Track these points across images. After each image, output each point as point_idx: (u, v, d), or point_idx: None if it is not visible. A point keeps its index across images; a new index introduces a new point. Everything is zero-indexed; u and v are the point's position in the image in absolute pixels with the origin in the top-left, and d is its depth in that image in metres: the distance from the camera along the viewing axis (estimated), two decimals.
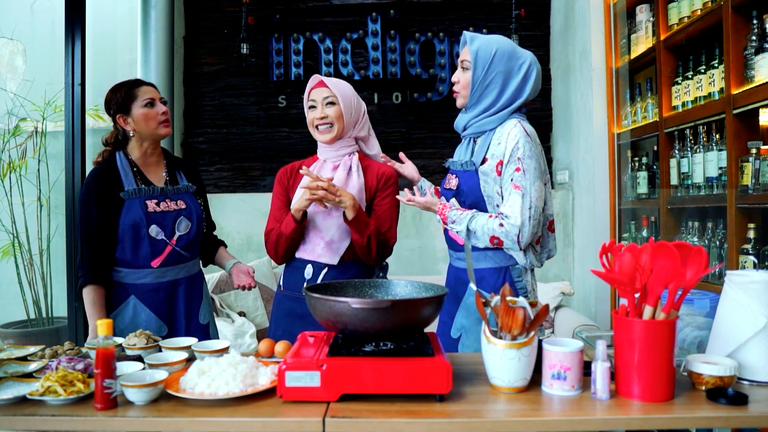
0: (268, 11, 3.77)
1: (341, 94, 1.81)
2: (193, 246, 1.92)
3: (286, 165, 1.96)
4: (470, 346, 1.69)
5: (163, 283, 1.86)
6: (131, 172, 1.87)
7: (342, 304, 1.18)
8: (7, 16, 3.90)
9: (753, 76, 2.04)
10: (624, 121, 3.04)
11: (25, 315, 3.69)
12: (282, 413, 1.11)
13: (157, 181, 1.92)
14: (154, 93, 1.89)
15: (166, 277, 1.87)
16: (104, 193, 1.81)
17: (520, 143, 1.61)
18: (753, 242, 2.06)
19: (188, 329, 1.90)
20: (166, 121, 1.89)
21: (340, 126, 1.82)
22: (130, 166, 1.88)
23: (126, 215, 1.81)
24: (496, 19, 3.76)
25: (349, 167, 1.84)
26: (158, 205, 1.86)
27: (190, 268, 1.93)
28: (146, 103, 1.86)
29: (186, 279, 1.91)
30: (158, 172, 1.94)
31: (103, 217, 1.80)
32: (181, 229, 1.87)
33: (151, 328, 1.82)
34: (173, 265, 1.88)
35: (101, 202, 1.80)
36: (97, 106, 3.80)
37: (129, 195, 1.83)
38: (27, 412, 1.12)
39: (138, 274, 1.84)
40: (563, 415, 1.09)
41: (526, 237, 1.59)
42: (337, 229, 1.78)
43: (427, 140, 3.80)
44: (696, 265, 1.15)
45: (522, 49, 1.72)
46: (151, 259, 1.84)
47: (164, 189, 1.89)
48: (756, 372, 1.22)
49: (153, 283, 1.85)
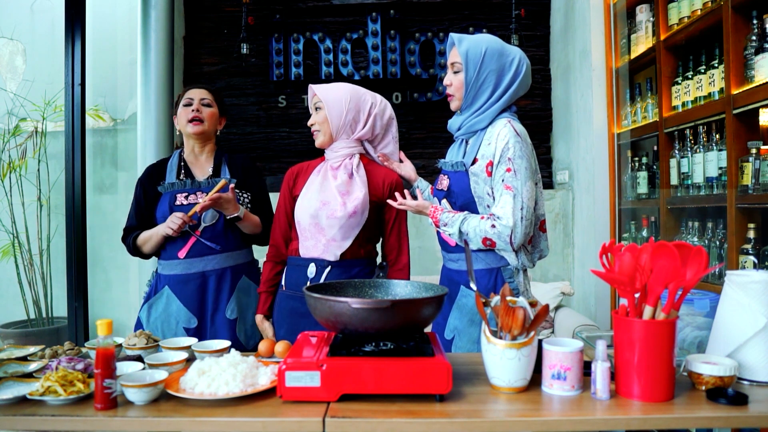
0: (268, 11, 3.76)
1: (327, 98, 1.82)
2: (219, 238, 1.94)
3: (293, 166, 1.96)
4: (463, 347, 1.69)
5: (192, 275, 1.93)
6: (176, 169, 2.01)
7: (342, 304, 1.18)
8: (7, 16, 3.90)
9: (753, 76, 2.04)
10: (624, 121, 3.04)
11: (25, 315, 3.69)
12: (282, 413, 1.11)
13: (201, 176, 2.01)
14: (196, 94, 2.01)
15: (194, 268, 1.93)
16: (146, 186, 1.99)
17: (510, 143, 1.60)
18: (753, 242, 2.06)
19: (213, 322, 1.94)
20: (194, 119, 1.97)
21: (325, 130, 1.84)
22: (178, 163, 2.02)
23: (159, 208, 1.95)
24: (496, 19, 3.76)
25: (350, 170, 1.84)
26: (186, 198, 1.94)
27: (221, 261, 1.95)
28: (185, 103, 2.00)
29: (216, 271, 1.94)
30: (205, 168, 2.03)
31: (140, 206, 1.98)
32: (206, 220, 1.92)
33: (181, 318, 1.91)
34: (200, 257, 1.93)
35: (141, 194, 1.99)
36: (97, 105, 3.80)
37: (165, 189, 1.96)
38: (27, 412, 1.12)
39: (170, 264, 1.94)
40: (563, 415, 1.09)
41: (518, 237, 1.59)
42: (339, 228, 1.79)
43: (426, 140, 3.80)
44: (696, 265, 1.15)
45: (510, 45, 1.71)
46: (178, 249, 1.92)
47: (196, 182, 1.97)
48: (756, 372, 1.22)
49: (182, 274, 1.93)
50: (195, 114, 1.97)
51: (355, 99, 1.85)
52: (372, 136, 1.90)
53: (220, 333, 1.92)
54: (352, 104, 1.84)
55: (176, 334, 1.90)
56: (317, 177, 1.85)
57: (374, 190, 1.85)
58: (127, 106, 3.88)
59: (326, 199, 1.79)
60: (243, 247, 2.02)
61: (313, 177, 1.86)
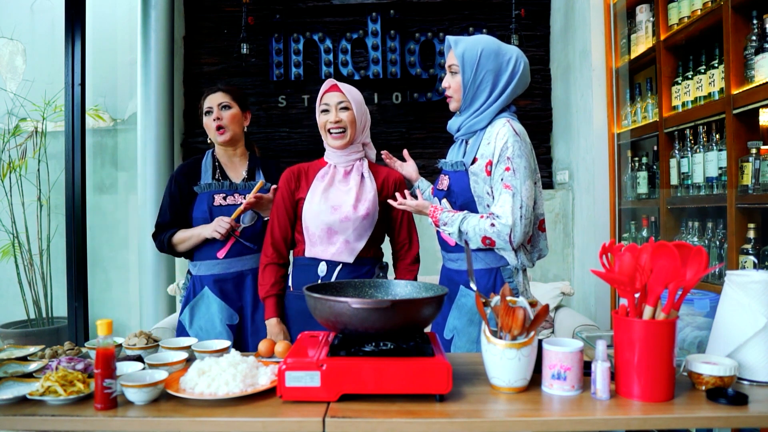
0: (268, 11, 3.76)
1: (354, 99, 1.83)
2: (257, 238, 1.96)
3: (292, 167, 1.93)
4: (462, 347, 1.69)
5: (230, 274, 1.95)
6: (211, 169, 2.02)
7: (342, 304, 1.18)
8: (7, 16, 3.90)
9: (753, 76, 2.04)
10: (624, 121, 3.04)
11: (25, 315, 3.70)
12: (282, 413, 1.11)
13: (235, 178, 2.03)
14: (213, 100, 1.99)
15: (233, 268, 1.96)
16: (181, 184, 1.98)
17: (509, 142, 1.61)
18: (753, 242, 2.06)
19: (253, 320, 1.97)
20: (219, 128, 1.98)
21: (352, 131, 1.84)
22: (213, 163, 2.03)
23: (197, 208, 1.97)
24: (496, 19, 3.75)
25: (361, 173, 1.86)
26: (225, 199, 1.96)
27: (258, 260, 1.95)
28: (206, 111, 2.01)
29: (253, 270, 1.97)
30: (239, 170, 2.05)
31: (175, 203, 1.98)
32: (245, 221, 1.95)
33: (223, 316, 1.94)
34: (239, 256, 1.95)
35: (176, 191, 1.98)
36: (97, 105, 3.80)
37: (201, 189, 1.98)
38: (27, 412, 1.12)
39: (208, 265, 1.96)
40: (563, 415, 1.09)
41: (518, 236, 1.59)
42: (354, 229, 1.79)
43: (426, 140, 3.80)
44: (696, 265, 1.15)
45: (506, 44, 1.72)
46: (217, 250, 1.94)
47: (233, 184, 1.99)
48: (756, 372, 1.22)
49: (221, 273, 1.95)
50: (218, 123, 1.97)
51: (364, 103, 1.90)
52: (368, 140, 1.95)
53: (261, 331, 1.94)
54: (364, 108, 1.88)
55: (221, 333, 1.92)
56: (323, 182, 1.84)
57: (379, 189, 1.86)
58: (127, 106, 3.88)
59: (336, 204, 1.79)
60: None
61: (317, 182, 1.85)
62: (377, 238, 1.88)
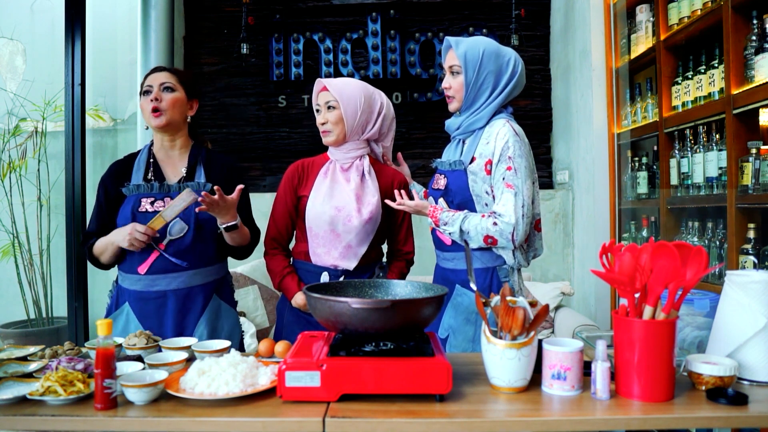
0: (268, 11, 3.76)
1: (342, 97, 1.77)
2: (188, 253, 1.66)
3: (297, 161, 1.90)
4: (457, 346, 1.69)
5: (153, 293, 1.67)
6: (145, 166, 1.73)
7: (342, 304, 1.18)
8: (7, 16, 3.90)
9: (753, 76, 2.04)
10: (624, 121, 3.04)
11: (25, 315, 3.69)
12: (282, 413, 1.11)
13: (173, 177, 1.73)
14: (155, 79, 1.71)
15: (156, 286, 1.66)
16: (108, 187, 1.72)
17: (510, 142, 1.62)
18: (753, 242, 2.06)
19: None
20: (155, 110, 1.68)
21: (339, 130, 1.80)
22: (147, 160, 1.74)
23: (121, 214, 1.68)
24: (496, 19, 3.75)
25: (362, 172, 1.83)
26: (152, 204, 1.67)
27: (187, 279, 1.68)
28: (144, 91, 1.72)
29: (177, 292, 1.67)
30: (177, 168, 1.75)
31: (101, 210, 1.72)
32: (173, 233, 1.65)
33: None
34: (163, 274, 1.66)
35: (102, 195, 1.73)
36: (97, 105, 3.80)
37: (129, 191, 1.69)
38: (27, 412, 1.12)
39: (131, 279, 1.68)
40: (563, 415, 1.09)
41: (520, 235, 1.61)
42: (356, 234, 1.78)
43: (426, 140, 3.80)
44: (696, 265, 1.15)
45: (504, 46, 1.74)
46: (137, 264, 1.66)
47: (165, 186, 1.70)
48: (756, 372, 1.22)
49: (143, 291, 1.67)
50: (154, 104, 1.67)
51: (367, 99, 1.81)
52: (378, 135, 1.88)
53: None
54: (365, 105, 1.80)
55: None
56: (325, 179, 1.82)
57: (384, 191, 1.85)
58: (127, 106, 3.88)
59: (340, 205, 1.77)
60: (215, 262, 1.75)
61: (320, 179, 1.83)
62: (378, 240, 1.88)
